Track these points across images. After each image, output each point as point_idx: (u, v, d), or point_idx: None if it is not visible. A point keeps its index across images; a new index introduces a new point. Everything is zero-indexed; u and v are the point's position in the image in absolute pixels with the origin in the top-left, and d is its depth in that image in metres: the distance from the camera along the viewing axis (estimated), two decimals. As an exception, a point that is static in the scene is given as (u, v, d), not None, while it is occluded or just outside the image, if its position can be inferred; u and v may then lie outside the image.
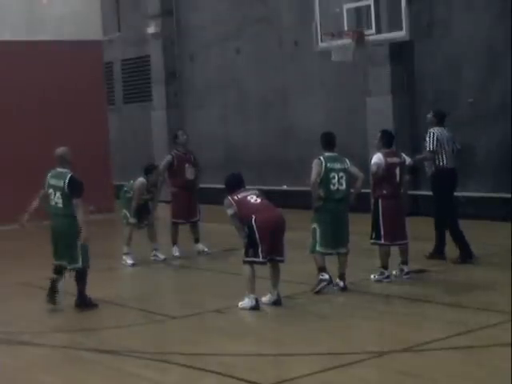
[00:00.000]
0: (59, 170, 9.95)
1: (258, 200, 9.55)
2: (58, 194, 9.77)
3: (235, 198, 9.53)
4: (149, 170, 12.77)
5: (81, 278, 9.91)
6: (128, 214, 12.71)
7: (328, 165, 10.10)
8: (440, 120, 11.87)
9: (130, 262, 12.68)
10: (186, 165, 13.32)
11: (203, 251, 13.38)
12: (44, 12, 19.43)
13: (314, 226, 10.14)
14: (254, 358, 7.69)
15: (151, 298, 10.65)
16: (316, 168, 10.10)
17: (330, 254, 10.24)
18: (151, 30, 22.37)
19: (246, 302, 9.34)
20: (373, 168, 10.52)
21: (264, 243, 9.24)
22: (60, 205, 9.77)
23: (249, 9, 20.04)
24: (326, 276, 10.08)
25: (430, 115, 12.12)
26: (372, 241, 10.64)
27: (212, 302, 9.93)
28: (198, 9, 21.56)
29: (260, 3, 19.78)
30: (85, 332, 9.01)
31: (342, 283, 10.15)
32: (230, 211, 9.52)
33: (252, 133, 20.25)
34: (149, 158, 20.29)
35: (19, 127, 17.92)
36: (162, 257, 12.91)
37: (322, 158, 10.17)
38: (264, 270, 9.54)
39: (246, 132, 20.43)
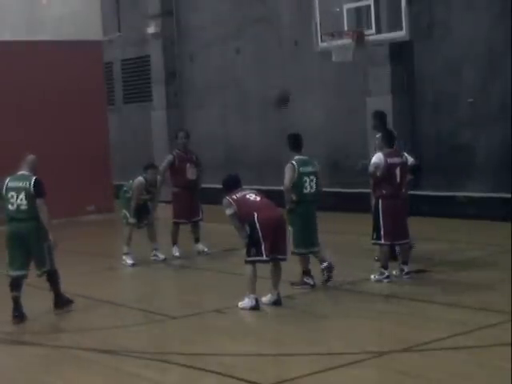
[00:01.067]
0: (21, 173, 9.73)
1: (258, 198, 9.59)
2: (22, 195, 9.45)
3: (234, 197, 9.53)
4: (145, 169, 12.77)
5: (53, 279, 9.76)
6: (128, 214, 12.71)
7: (300, 169, 10.36)
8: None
9: (129, 261, 12.68)
10: (188, 165, 13.30)
11: (203, 251, 13.38)
12: (44, 12, 19.44)
13: (289, 228, 10.20)
14: (254, 358, 7.69)
15: (151, 298, 10.65)
16: (290, 173, 10.32)
17: (305, 254, 10.38)
18: (151, 30, 22.36)
19: (246, 302, 9.34)
20: (370, 168, 10.52)
21: (267, 241, 9.23)
22: (24, 207, 9.45)
23: (249, 9, 20.04)
24: (311, 281, 10.32)
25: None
26: (373, 241, 10.64)
27: (212, 302, 9.93)
28: (198, 9, 21.56)
29: (260, 3, 19.78)
30: (84, 332, 9.01)
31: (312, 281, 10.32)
32: (229, 211, 9.52)
33: (252, 133, 20.24)
34: (149, 158, 20.31)
35: (19, 127, 17.91)
36: (161, 257, 12.90)
37: (294, 162, 10.38)
38: (264, 270, 9.53)
39: (245, 132, 20.42)
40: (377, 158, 10.52)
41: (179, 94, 22.39)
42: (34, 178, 9.59)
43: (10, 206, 9.51)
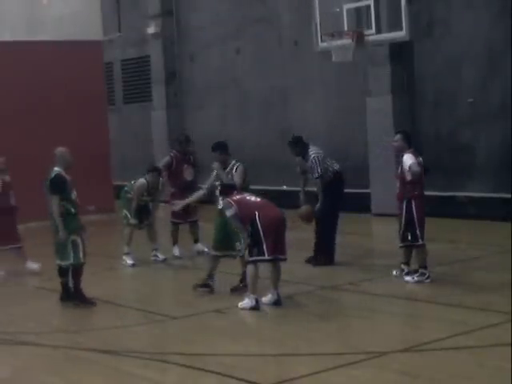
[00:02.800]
0: (54, 168, 10.09)
1: (258, 199, 9.61)
2: (48, 191, 9.98)
3: (234, 198, 9.55)
4: (148, 172, 12.78)
5: (75, 274, 9.99)
6: (128, 215, 12.71)
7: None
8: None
9: (130, 262, 12.68)
10: (185, 166, 13.36)
11: (203, 251, 13.37)
12: (44, 12, 19.43)
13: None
14: (254, 358, 7.68)
15: (151, 298, 10.65)
16: (244, 174, 10.55)
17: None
18: (151, 30, 22.36)
19: (246, 302, 9.33)
20: (416, 168, 10.31)
21: (268, 240, 9.21)
22: (48, 202, 9.94)
23: (248, 9, 20.04)
24: (213, 285, 10.37)
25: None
26: (407, 243, 10.46)
27: (212, 302, 9.92)
28: (198, 9, 21.56)
29: (260, 3, 19.78)
30: (85, 332, 9.01)
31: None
32: (229, 212, 9.52)
33: (252, 133, 20.24)
34: (149, 158, 20.30)
35: (19, 127, 17.91)
36: (162, 257, 12.90)
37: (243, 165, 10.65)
38: (264, 271, 9.52)
39: (245, 132, 20.42)
40: (411, 158, 10.38)
41: (179, 94, 22.39)
42: (54, 173, 9.97)
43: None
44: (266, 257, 9.29)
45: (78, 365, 7.85)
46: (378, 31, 14.28)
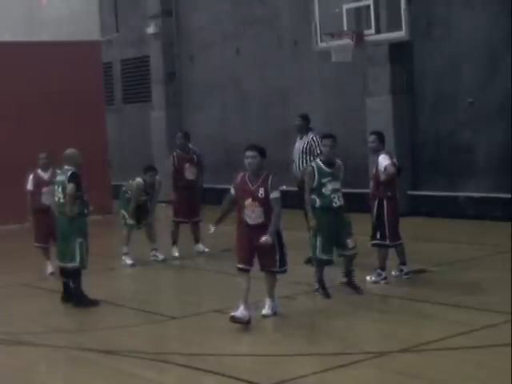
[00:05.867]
0: (66, 167, 10.11)
1: None
2: (60, 189, 9.97)
3: None
4: (145, 171, 12.78)
5: (74, 277, 9.99)
6: (126, 215, 12.71)
7: None
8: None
9: (129, 262, 12.69)
10: (187, 165, 13.34)
11: (203, 251, 13.38)
12: (43, 13, 19.44)
13: None
14: (254, 358, 7.69)
15: (151, 298, 10.65)
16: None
17: None
18: (151, 30, 22.36)
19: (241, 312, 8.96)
20: (391, 169, 10.36)
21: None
22: (62, 200, 9.95)
23: (248, 9, 20.04)
24: None
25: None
26: (376, 241, 10.54)
27: (212, 302, 9.93)
28: (198, 9, 21.56)
29: (259, 3, 19.78)
30: (85, 332, 9.01)
31: None
32: (279, 193, 9.65)
33: (252, 133, 20.22)
34: (148, 158, 20.30)
35: (18, 128, 17.92)
36: (161, 257, 12.90)
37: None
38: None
39: (245, 132, 20.40)
40: (386, 159, 10.42)
41: (179, 94, 22.39)
42: (71, 171, 9.96)
43: (55, 199, 10.12)
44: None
45: (77, 365, 7.86)
46: (378, 31, 14.31)
